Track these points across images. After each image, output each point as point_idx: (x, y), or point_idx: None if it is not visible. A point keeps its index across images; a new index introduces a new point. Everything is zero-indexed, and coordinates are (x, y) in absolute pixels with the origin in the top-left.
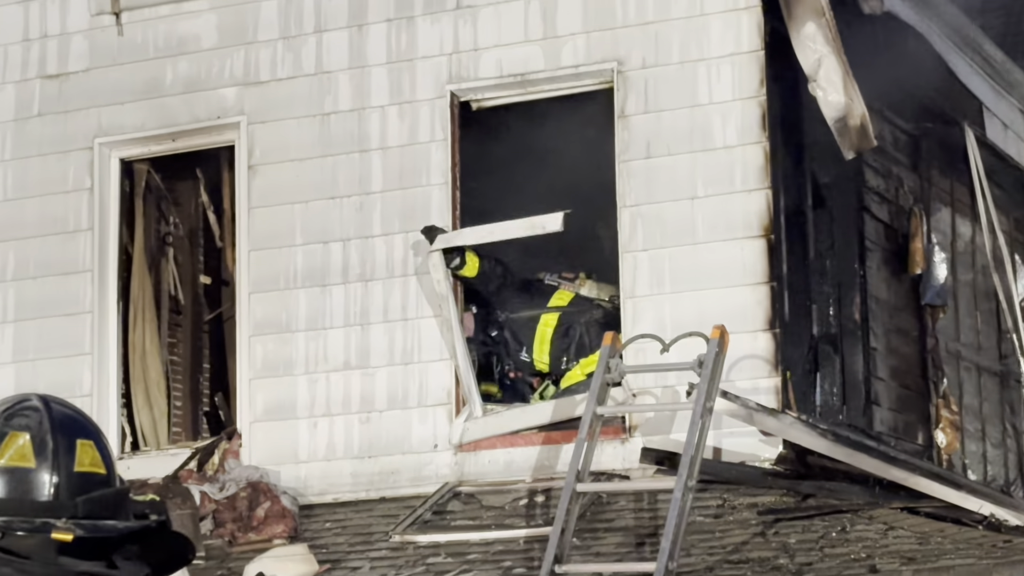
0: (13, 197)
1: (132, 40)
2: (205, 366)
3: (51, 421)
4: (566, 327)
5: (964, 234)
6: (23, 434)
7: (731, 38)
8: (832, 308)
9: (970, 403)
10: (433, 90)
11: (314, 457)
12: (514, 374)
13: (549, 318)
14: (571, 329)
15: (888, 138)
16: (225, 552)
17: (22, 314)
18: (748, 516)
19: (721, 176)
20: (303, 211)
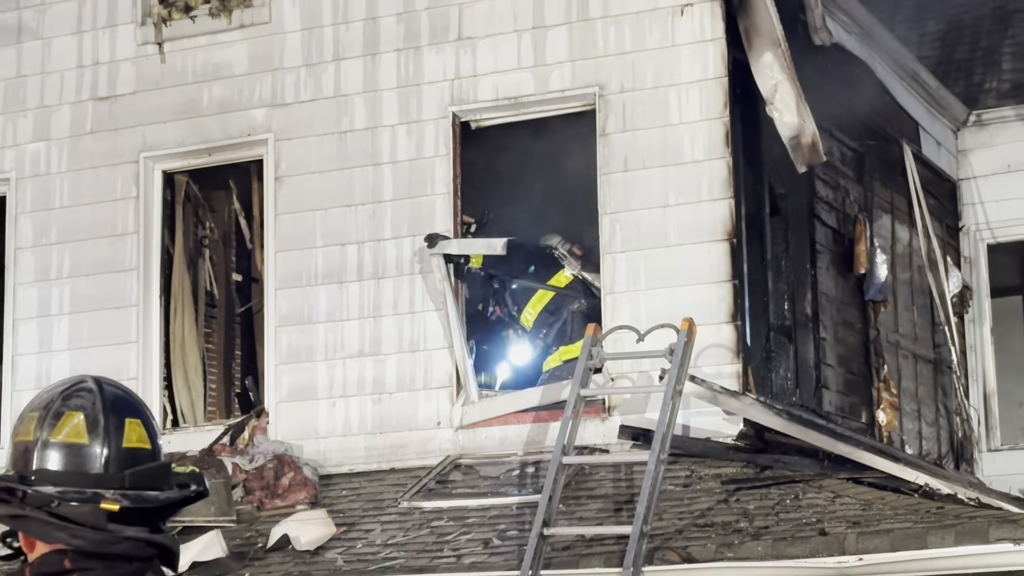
0: (68, 205)
1: (173, 67)
2: (237, 353)
3: (103, 402)
4: (556, 306)
5: (902, 238)
6: (78, 413)
7: (698, 66)
8: (786, 303)
9: (907, 387)
10: (437, 111)
11: (332, 433)
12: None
13: (545, 293)
14: (560, 310)
15: (836, 154)
16: (254, 516)
17: (76, 307)
18: (713, 485)
19: (690, 187)
20: (323, 217)
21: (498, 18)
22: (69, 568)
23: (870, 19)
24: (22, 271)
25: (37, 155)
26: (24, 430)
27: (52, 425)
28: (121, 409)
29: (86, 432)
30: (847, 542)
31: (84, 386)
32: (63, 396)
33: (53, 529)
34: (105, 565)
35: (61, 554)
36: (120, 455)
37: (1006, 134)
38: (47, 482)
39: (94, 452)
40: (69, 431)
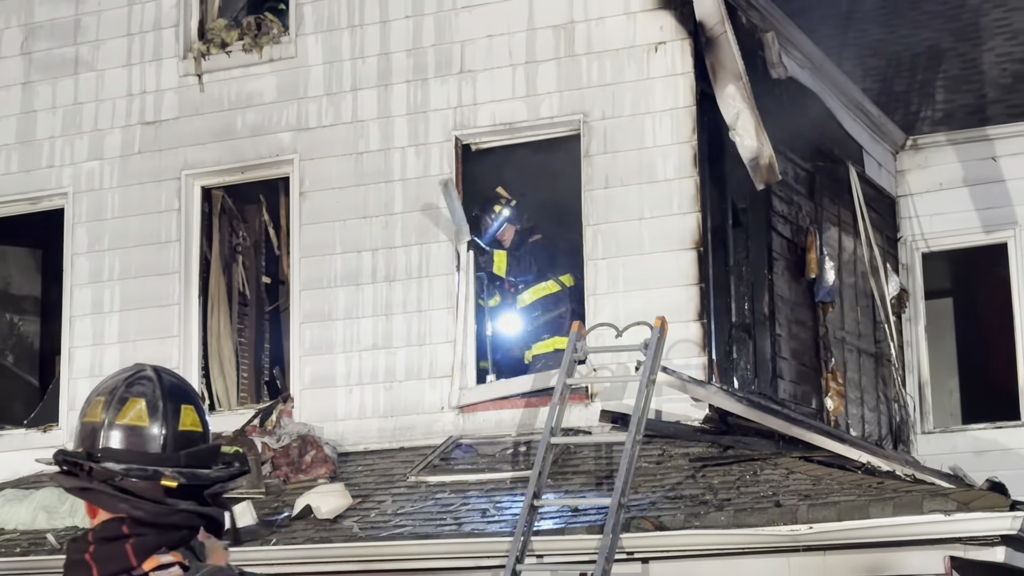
0: (119, 216)
1: (211, 95)
2: (266, 346)
3: (162, 389)
4: (558, 299)
5: (848, 247)
6: (141, 399)
7: (670, 97)
8: (747, 304)
9: (852, 377)
10: (442, 135)
11: (349, 416)
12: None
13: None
14: (561, 303)
15: (790, 173)
16: (280, 488)
17: (125, 306)
18: (682, 463)
19: (662, 202)
20: (341, 227)
21: (495, 54)
22: (127, 533)
23: (820, 56)
24: (78, 274)
25: (91, 172)
26: (92, 412)
27: (117, 409)
28: (177, 396)
29: (147, 416)
30: (799, 513)
31: (145, 375)
32: (126, 383)
33: (117, 501)
34: (157, 531)
35: (119, 521)
36: (176, 437)
37: (939, 157)
38: (112, 459)
39: (154, 434)
40: (133, 415)
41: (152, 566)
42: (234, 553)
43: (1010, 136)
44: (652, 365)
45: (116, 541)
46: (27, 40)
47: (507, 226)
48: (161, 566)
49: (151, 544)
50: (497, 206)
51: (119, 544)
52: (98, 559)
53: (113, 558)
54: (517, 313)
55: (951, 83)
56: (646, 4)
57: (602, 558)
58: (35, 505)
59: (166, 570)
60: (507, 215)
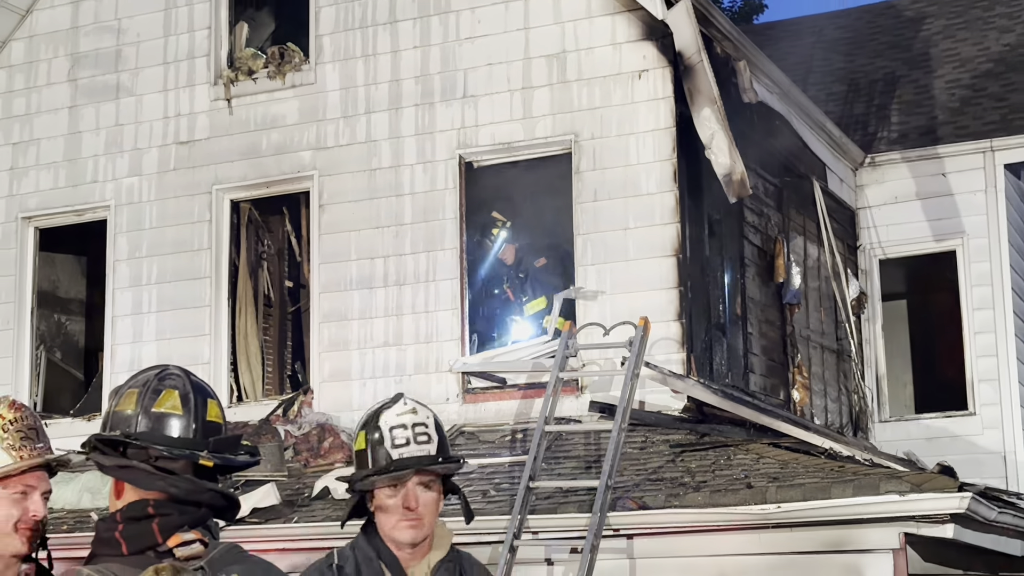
0: (156, 226)
1: (239, 117)
2: (288, 343)
3: (191, 384)
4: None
5: (812, 254)
6: (175, 391)
7: (652, 119)
8: (721, 305)
9: (816, 371)
10: (447, 154)
11: (363, 406)
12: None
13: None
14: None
15: (760, 188)
16: (301, 472)
17: (162, 307)
18: (663, 448)
19: (645, 214)
20: (356, 237)
21: (495, 80)
22: (152, 513)
23: (787, 82)
24: (119, 278)
25: (131, 187)
26: (125, 402)
27: (152, 398)
28: (203, 391)
29: (181, 406)
30: (768, 493)
31: (173, 371)
32: (158, 378)
33: (155, 479)
34: (179, 511)
35: (145, 503)
36: (205, 426)
37: (894, 173)
38: (149, 442)
39: (187, 422)
40: (168, 404)
41: (176, 543)
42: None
43: (958, 154)
44: (636, 360)
45: (143, 520)
46: (73, 68)
47: (506, 246)
48: (184, 543)
49: (175, 523)
50: (495, 229)
51: (146, 523)
52: (127, 537)
53: (141, 536)
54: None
55: (905, 106)
56: (631, 36)
57: (591, 534)
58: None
59: (188, 546)
60: (505, 236)
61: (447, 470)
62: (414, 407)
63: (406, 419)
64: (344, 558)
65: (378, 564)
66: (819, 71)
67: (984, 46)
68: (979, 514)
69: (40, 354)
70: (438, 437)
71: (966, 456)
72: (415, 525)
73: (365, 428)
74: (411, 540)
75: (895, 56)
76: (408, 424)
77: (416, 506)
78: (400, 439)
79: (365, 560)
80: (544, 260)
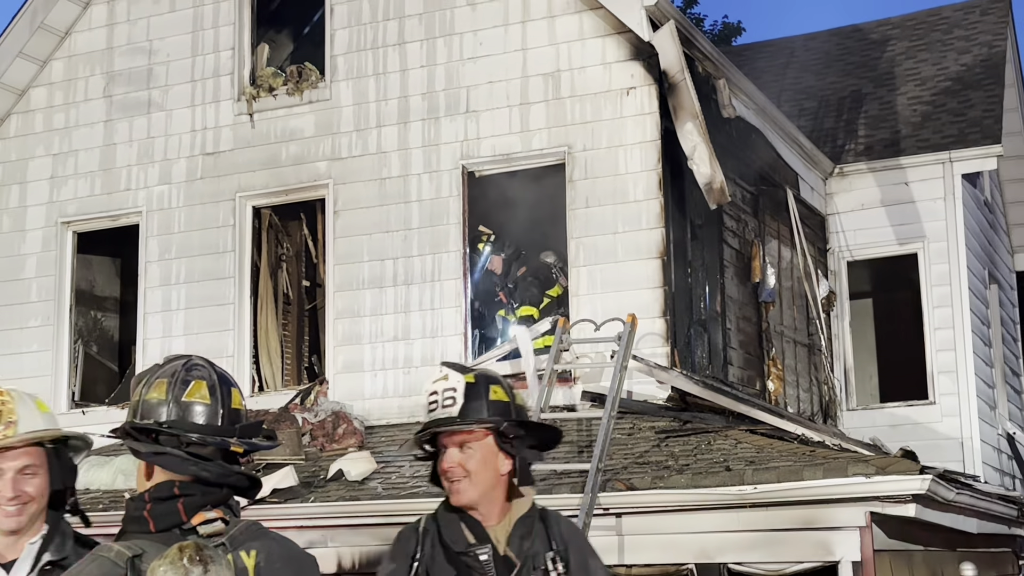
0: (184, 230)
1: (260, 131)
2: (305, 338)
3: (216, 375)
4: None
5: (786, 257)
6: (203, 381)
7: (639, 132)
8: (702, 303)
9: (789, 363)
10: (451, 164)
11: (374, 396)
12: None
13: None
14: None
15: (738, 196)
16: (317, 456)
17: (189, 304)
18: (649, 435)
19: (632, 219)
20: (368, 240)
21: (495, 97)
22: (177, 494)
23: (763, 98)
24: (150, 278)
25: (162, 194)
26: (156, 391)
27: (182, 388)
28: (227, 381)
29: (208, 395)
30: (745, 475)
31: (198, 362)
32: (185, 368)
33: (188, 464)
34: (203, 492)
35: (171, 483)
36: (230, 413)
37: (861, 182)
38: (181, 429)
39: (215, 410)
40: (198, 394)
41: (199, 520)
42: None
43: (919, 165)
44: (624, 354)
45: (169, 500)
46: (109, 85)
47: (493, 258)
48: (207, 521)
49: (199, 503)
50: (480, 243)
51: (172, 503)
52: (155, 515)
53: (168, 514)
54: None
55: (871, 121)
56: (620, 56)
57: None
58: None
59: (211, 524)
60: (490, 250)
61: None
62: (447, 374)
63: (437, 386)
64: (430, 521)
65: (459, 525)
66: (792, 88)
67: (943, 66)
68: (939, 495)
69: (78, 348)
70: (464, 401)
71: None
72: (454, 486)
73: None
74: (455, 501)
75: (862, 75)
76: (439, 390)
77: (448, 466)
78: (431, 404)
79: (447, 522)
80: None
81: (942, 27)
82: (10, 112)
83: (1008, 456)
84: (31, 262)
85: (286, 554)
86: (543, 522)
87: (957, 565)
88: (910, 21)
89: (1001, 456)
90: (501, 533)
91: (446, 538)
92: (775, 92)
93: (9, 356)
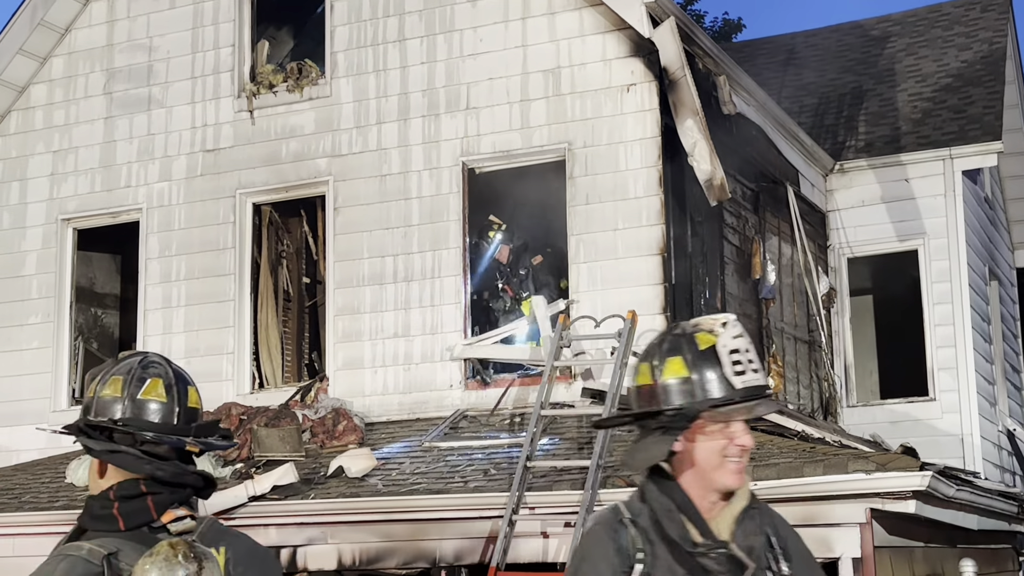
0: (184, 227)
1: (260, 127)
2: (306, 335)
3: (173, 372)
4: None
5: (786, 253)
6: (159, 379)
7: (640, 129)
8: (703, 300)
9: (789, 360)
10: (451, 161)
11: (374, 392)
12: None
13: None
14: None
15: (738, 192)
16: (317, 452)
17: (190, 301)
18: None
19: (633, 216)
20: (368, 237)
21: (495, 94)
22: (145, 491)
23: (764, 95)
24: (150, 275)
25: (162, 191)
26: (110, 389)
27: (138, 386)
28: (183, 379)
29: (165, 393)
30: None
31: (155, 360)
32: (141, 366)
33: (143, 463)
34: (170, 490)
35: (137, 481)
36: (187, 412)
37: (861, 179)
38: (137, 428)
39: (172, 409)
40: (154, 392)
41: (169, 519)
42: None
43: (920, 162)
44: (624, 350)
45: (138, 498)
46: (108, 82)
47: (502, 247)
48: (177, 518)
49: (167, 500)
50: (491, 232)
51: (141, 500)
52: (124, 513)
53: (138, 512)
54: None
55: (871, 118)
56: (620, 53)
57: (583, 510)
58: None
59: (181, 522)
60: (500, 238)
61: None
62: (742, 331)
63: (741, 343)
64: (636, 511)
65: (679, 516)
66: (792, 85)
67: (944, 62)
68: (939, 491)
69: (78, 345)
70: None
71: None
72: (742, 468)
73: (676, 352)
74: (737, 485)
75: (862, 71)
76: (741, 348)
77: (744, 445)
78: (740, 365)
79: (664, 512)
80: (540, 258)
81: (943, 23)
82: (10, 109)
83: (1008, 452)
84: (31, 259)
85: (251, 551)
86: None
87: (957, 561)
88: (911, 17)
89: (1001, 452)
90: (723, 528)
91: (671, 533)
92: (776, 89)
93: (9, 353)
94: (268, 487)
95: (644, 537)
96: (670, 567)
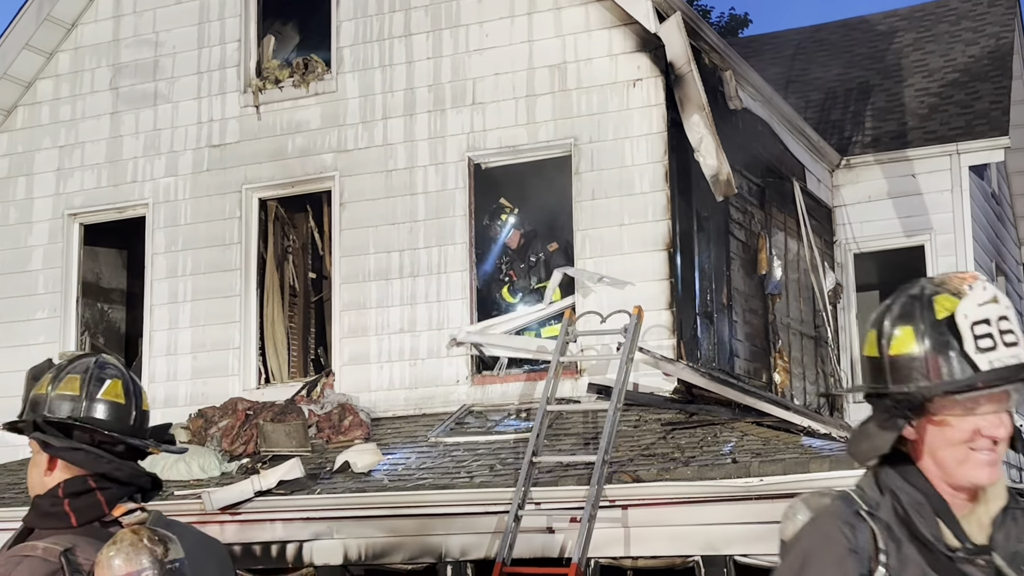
0: (191, 222)
1: (267, 123)
2: (312, 330)
3: (128, 374)
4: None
5: (792, 249)
6: (119, 380)
7: (646, 124)
8: (709, 295)
9: (795, 356)
10: (457, 156)
11: (380, 388)
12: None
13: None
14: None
15: (744, 188)
16: (323, 447)
17: (196, 296)
18: (655, 427)
19: (639, 211)
20: (374, 232)
21: (501, 89)
22: (93, 487)
23: (770, 90)
24: (157, 270)
25: (168, 186)
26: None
27: (98, 386)
28: (136, 382)
29: (124, 395)
30: (752, 468)
31: (110, 361)
32: (98, 366)
33: (103, 461)
34: (118, 486)
35: (84, 478)
36: (141, 414)
37: (868, 174)
38: (97, 427)
39: (129, 410)
40: (114, 393)
41: (121, 512)
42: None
43: (926, 157)
44: (630, 346)
45: (88, 494)
46: (115, 77)
47: (513, 232)
48: (128, 512)
49: (116, 496)
50: (503, 215)
51: (91, 496)
52: (76, 509)
53: (90, 507)
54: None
55: (878, 113)
56: (626, 48)
57: (589, 505)
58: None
59: (132, 515)
60: (513, 222)
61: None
62: (995, 294)
63: (992, 311)
64: (873, 503)
65: (933, 517)
66: (799, 80)
67: (951, 57)
68: None
69: (84, 340)
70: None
71: None
72: (995, 461)
73: (907, 319)
74: (988, 482)
75: (869, 66)
76: (992, 317)
77: (1002, 434)
78: (989, 339)
79: (913, 505)
80: (556, 245)
81: (950, 18)
82: (17, 104)
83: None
84: (38, 254)
85: (200, 542)
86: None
87: None
88: (918, 12)
89: None
90: (976, 530)
91: (925, 532)
92: (782, 84)
93: (16, 348)
94: (274, 482)
95: (887, 535)
96: (923, 574)
